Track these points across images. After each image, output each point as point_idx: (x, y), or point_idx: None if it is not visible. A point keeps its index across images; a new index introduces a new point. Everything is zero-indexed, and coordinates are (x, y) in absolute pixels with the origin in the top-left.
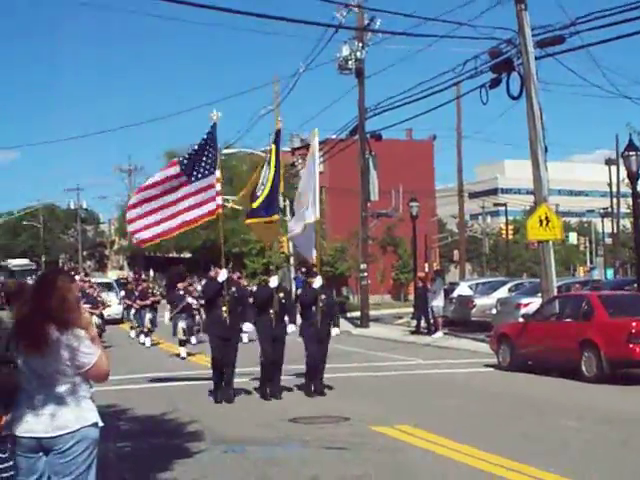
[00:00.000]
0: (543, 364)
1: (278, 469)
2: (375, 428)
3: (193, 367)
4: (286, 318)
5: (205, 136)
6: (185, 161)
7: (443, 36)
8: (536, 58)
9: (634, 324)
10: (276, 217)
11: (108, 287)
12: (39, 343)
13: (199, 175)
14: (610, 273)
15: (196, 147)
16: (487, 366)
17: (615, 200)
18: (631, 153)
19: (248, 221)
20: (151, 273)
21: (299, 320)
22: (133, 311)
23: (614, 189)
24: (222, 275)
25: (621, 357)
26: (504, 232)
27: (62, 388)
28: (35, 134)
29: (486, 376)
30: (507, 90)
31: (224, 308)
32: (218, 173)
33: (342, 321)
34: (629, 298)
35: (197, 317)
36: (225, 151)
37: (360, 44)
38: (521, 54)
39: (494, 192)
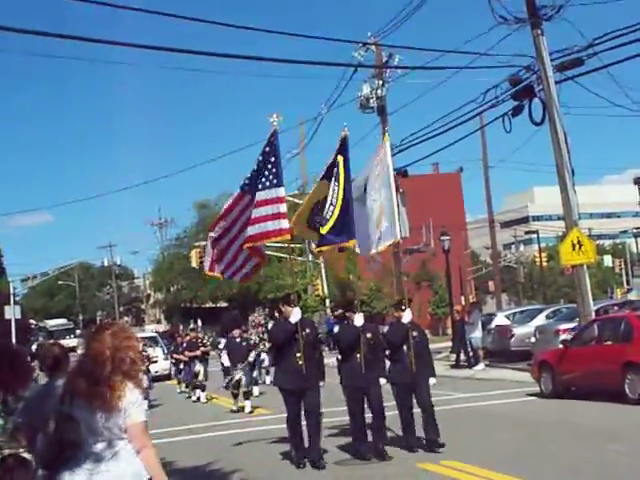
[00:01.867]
0: (586, 389)
1: None
2: (422, 465)
3: (233, 416)
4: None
5: (265, 147)
6: (247, 181)
7: (462, 67)
8: (556, 82)
9: None
10: (353, 242)
11: (152, 341)
12: (104, 396)
13: (262, 186)
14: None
15: (256, 162)
16: (530, 395)
17: None
18: None
19: (320, 249)
20: (199, 323)
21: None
22: (182, 366)
23: None
24: (295, 315)
25: None
26: (538, 260)
27: (118, 445)
28: (64, 194)
29: (529, 405)
30: (530, 117)
31: (298, 354)
32: (283, 191)
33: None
34: None
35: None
36: None
37: (380, 82)
38: (541, 79)
39: (525, 220)
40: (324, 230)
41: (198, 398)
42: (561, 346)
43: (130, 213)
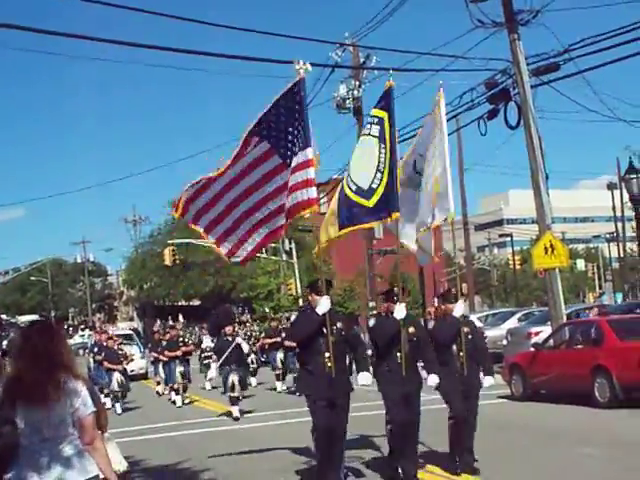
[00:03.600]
0: (556, 392)
1: None
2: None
3: (203, 414)
4: (419, 364)
5: (287, 100)
6: (270, 132)
7: (438, 70)
8: (532, 87)
9: None
10: (396, 215)
11: (128, 339)
12: (46, 392)
13: (295, 149)
14: (619, 297)
15: (282, 111)
16: (500, 397)
17: (620, 224)
18: (632, 176)
19: (362, 226)
20: (181, 319)
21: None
22: (161, 365)
23: (618, 213)
24: (323, 305)
25: (634, 381)
26: (511, 262)
27: (64, 441)
28: (37, 189)
29: (499, 407)
30: (505, 120)
31: (327, 355)
32: (311, 152)
33: None
34: (639, 321)
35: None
36: None
37: (357, 82)
38: (517, 83)
39: (500, 223)
40: (371, 203)
41: (174, 401)
42: (532, 349)
43: (104, 210)
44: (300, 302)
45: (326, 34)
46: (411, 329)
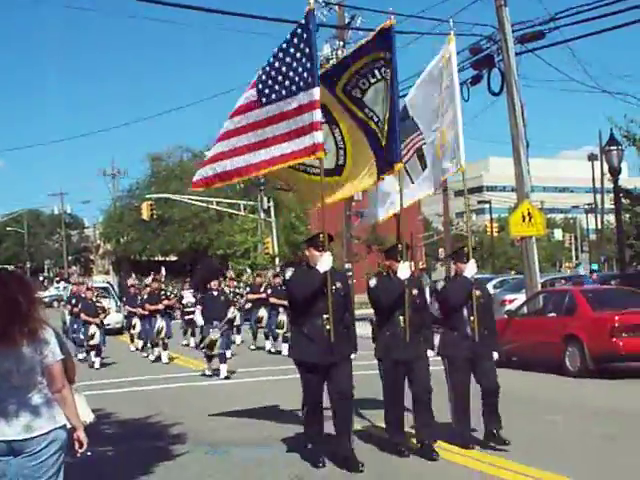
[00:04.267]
0: (527, 360)
1: (261, 470)
2: (363, 427)
3: (178, 370)
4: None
5: (296, 33)
6: (266, 77)
7: (423, 33)
8: (516, 54)
9: (617, 318)
10: (399, 166)
11: (105, 292)
12: (15, 340)
13: (293, 87)
14: (595, 269)
15: (283, 51)
16: None
17: (599, 196)
18: (612, 147)
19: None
20: (163, 272)
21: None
22: (136, 320)
23: (598, 185)
24: (324, 262)
25: (604, 351)
26: (489, 229)
27: (33, 389)
28: (17, 140)
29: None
30: (488, 87)
31: (326, 316)
32: (318, 93)
33: None
34: (612, 292)
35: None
36: (208, 152)
37: (341, 42)
38: (501, 50)
39: (479, 190)
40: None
41: (158, 357)
42: (505, 316)
43: (83, 162)
44: (277, 260)
45: None
46: (414, 291)
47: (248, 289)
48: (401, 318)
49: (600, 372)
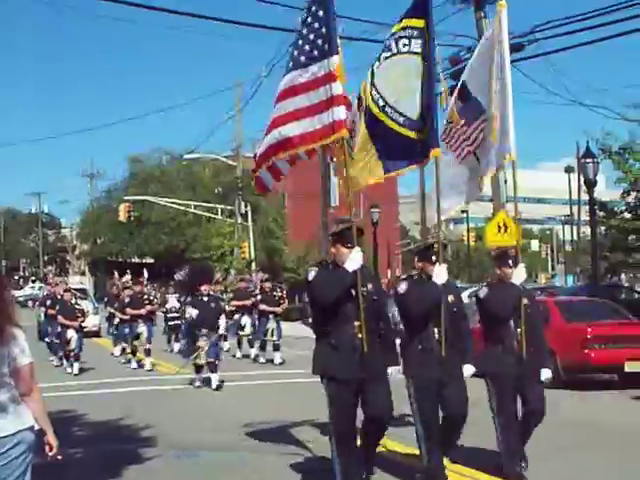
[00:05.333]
0: None
1: (230, 475)
2: None
3: (155, 373)
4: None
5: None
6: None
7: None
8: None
9: (589, 329)
10: (437, 152)
11: (82, 293)
12: None
13: (310, 58)
14: (571, 280)
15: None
16: None
17: (576, 207)
18: (588, 160)
19: (410, 168)
20: (145, 275)
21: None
22: (116, 322)
23: (574, 196)
24: (355, 259)
25: (577, 362)
26: (466, 239)
27: (1, 390)
28: None
29: None
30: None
31: (357, 324)
32: (337, 61)
33: (300, 326)
34: (586, 303)
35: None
36: (187, 156)
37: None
38: None
39: None
40: (422, 135)
41: (140, 365)
42: (479, 325)
43: (61, 162)
44: (253, 265)
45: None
46: (450, 297)
47: (232, 295)
48: (436, 330)
49: (572, 383)
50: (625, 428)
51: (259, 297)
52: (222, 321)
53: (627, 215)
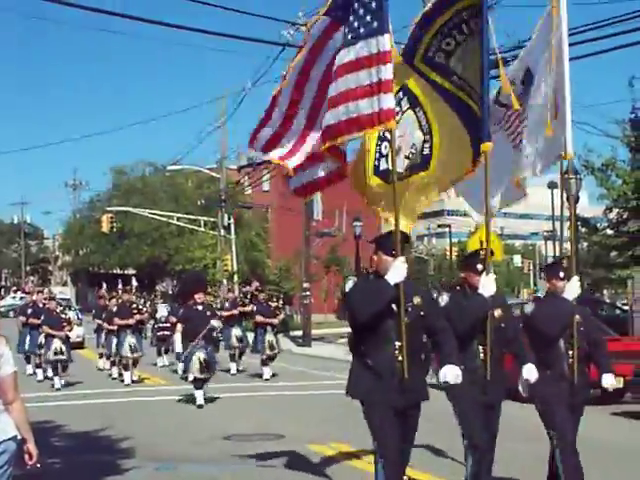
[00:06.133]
0: None
1: None
2: (310, 446)
3: (138, 384)
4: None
5: None
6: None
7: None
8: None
9: None
10: (487, 146)
11: (66, 302)
12: None
13: (355, 35)
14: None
15: None
16: (430, 386)
17: (559, 223)
18: (570, 176)
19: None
20: (134, 284)
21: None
22: (104, 334)
23: (557, 212)
24: (398, 269)
25: None
26: (449, 253)
27: None
28: None
29: None
30: None
31: (398, 344)
32: (387, 42)
33: (284, 339)
34: None
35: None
36: (170, 167)
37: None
38: None
39: (441, 213)
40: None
41: (121, 380)
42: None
43: (45, 172)
44: (235, 278)
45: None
46: (497, 312)
47: (227, 305)
48: (480, 349)
49: None
50: (605, 444)
51: (254, 308)
52: (216, 322)
53: (609, 231)
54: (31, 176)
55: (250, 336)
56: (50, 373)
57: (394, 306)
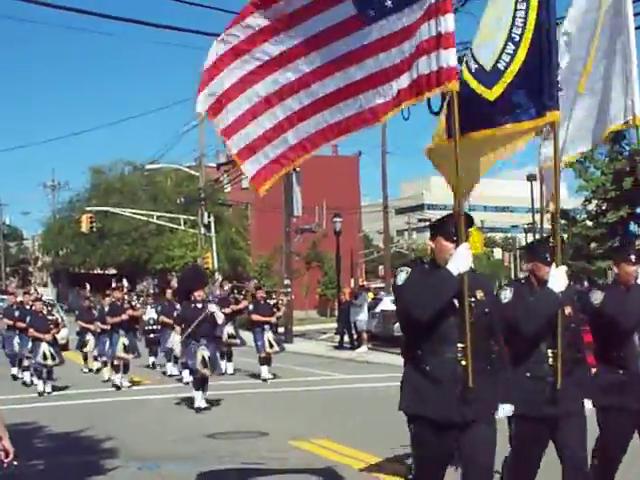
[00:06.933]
0: None
1: None
2: (293, 443)
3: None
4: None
5: None
6: None
7: None
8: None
9: None
10: (555, 115)
11: (50, 305)
12: None
13: None
14: None
15: None
16: None
17: (538, 216)
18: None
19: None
20: (125, 283)
21: None
22: (87, 337)
23: (537, 205)
24: (461, 257)
25: None
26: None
27: None
28: None
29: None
30: (428, 105)
31: (460, 346)
32: None
33: None
34: None
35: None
36: (149, 166)
37: None
38: None
39: (420, 208)
40: (492, 94)
41: (117, 384)
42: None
43: (23, 173)
44: (216, 275)
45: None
46: (568, 309)
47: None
48: (549, 352)
49: None
50: None
51: (250, 306)
52: (214, 307)
53: (589, 223)
54: (8, 177)
55: (244, 335)
56: (29, 378)
57: (455, 301)
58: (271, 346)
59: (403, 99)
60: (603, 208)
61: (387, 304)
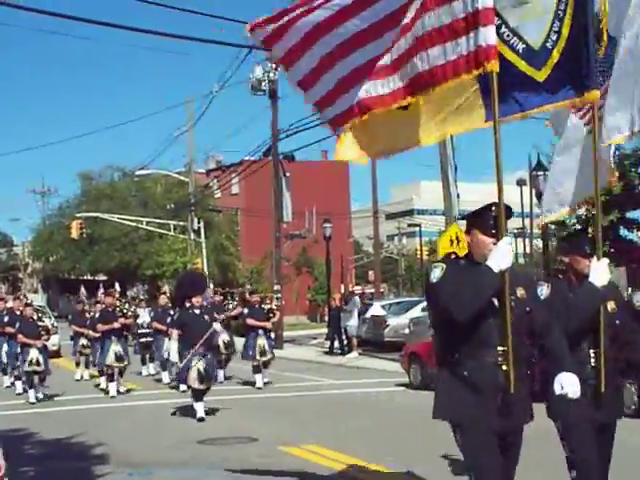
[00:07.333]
0: None
1: None
2: (283, 448)
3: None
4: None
5: None
6: None
7: None
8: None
9: None
10: (594, 95)
11: (41, 309)
12: None
13: None
14: None
15: None
16: (399, 385)
17: (528, 220)
18: (539, 173)
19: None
20: (117, 287)
21: None
22: (83, 342)
23: (527, 210)
24: (501, 252)
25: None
26: (419, 252)
27: None
28: None
29: (396, 395)
30: None
31: (501, 349)
32: None
33: None
34: None
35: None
36: (139, 172)
37: (273, 65)
38: None
39: (410, 213)
40: (541, 75)
41: (107, 391)
42: (432, 339)
43: (12, 179)
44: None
45: (246, 15)
46: (611, 305)
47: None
48: (591, 353)
49: None
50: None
51: (245, 311)
52: (218, 327)
53: (578, 227)
54: None
55: (239, 342)
56: (21, 387)
57: (495, 301)
58: (262, 354)
59: (435, 82)
60: (593, 213)
61: (377, 309)
